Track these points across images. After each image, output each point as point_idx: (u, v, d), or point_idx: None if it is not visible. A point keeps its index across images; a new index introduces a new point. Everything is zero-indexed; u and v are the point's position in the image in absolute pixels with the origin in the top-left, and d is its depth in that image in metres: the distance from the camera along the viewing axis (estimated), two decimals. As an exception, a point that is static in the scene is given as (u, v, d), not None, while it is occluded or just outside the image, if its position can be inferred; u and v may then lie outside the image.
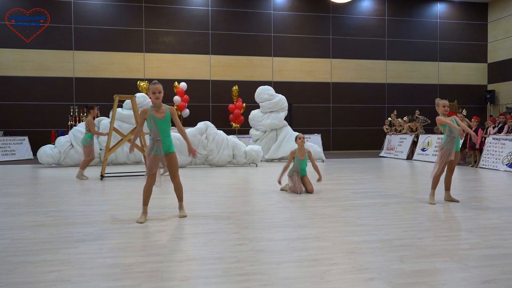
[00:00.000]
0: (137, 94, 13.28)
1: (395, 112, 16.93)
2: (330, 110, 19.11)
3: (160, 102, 4.68)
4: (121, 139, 9.22)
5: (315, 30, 18.92)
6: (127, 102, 12.92)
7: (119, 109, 12.87)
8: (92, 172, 10.32)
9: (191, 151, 4.80)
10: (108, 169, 10.79)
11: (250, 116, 14.27)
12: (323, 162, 13.13)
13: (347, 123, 19.26)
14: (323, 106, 19.00)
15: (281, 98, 13.93)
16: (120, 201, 6.04)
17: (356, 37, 19.24)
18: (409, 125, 15.37)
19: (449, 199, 5.94)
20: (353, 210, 5.25)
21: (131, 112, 12.43)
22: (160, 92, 4.63)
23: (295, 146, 13.11)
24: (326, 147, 18.30)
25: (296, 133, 13.70)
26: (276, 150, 13.47)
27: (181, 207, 5.03)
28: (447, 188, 5.99)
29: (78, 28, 16.88)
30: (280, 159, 13.59)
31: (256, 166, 11.90)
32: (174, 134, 11.57)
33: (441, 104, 5.84)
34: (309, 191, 6.76)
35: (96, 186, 7.87)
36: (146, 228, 4.37)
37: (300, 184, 6.72)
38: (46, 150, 12.01)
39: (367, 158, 14.95)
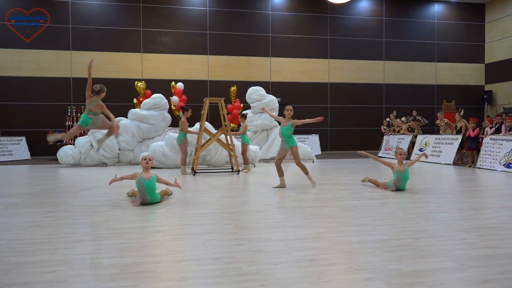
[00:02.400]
0: (154, 95, 13.39)
1: (394, 112, 16.95)
2: (328, 111, 19.12)
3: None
4: (209, 139, 9.94)
5: (313, 30, 18.94)
6: (146, 103, 13.01)
7: (136, 110, 12.97)
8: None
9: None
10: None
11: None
12: (313, 162, 13.13)
13: (345, 124, 19.28)
14: (321, 107, 19.02)
15: (271, 99, 13.97)
16: (117, 201, 6.02)
17: (354, 37, 19.27)
18: (408, 125, 15.40)
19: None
20: (351, 210, 5.26)
21: (150, 113, 12.78)
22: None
23: None
24: (324, 147, 18.33)
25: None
26: (267, 150, 13.52)
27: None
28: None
29: (75, 28, 16.85)
30: (271, 159, 13.61)
31: (254, 166, 11.91)
32: (173, 134, 11.58)
33: (398, 152, 6.88)
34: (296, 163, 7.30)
35: (93, 185, 7.87)
36: (143, 228, 4.37)
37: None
38: (66, 151, 12.10)
39: (365, 159, 14.97)
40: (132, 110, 13.17)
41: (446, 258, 3.31)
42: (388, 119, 16.94)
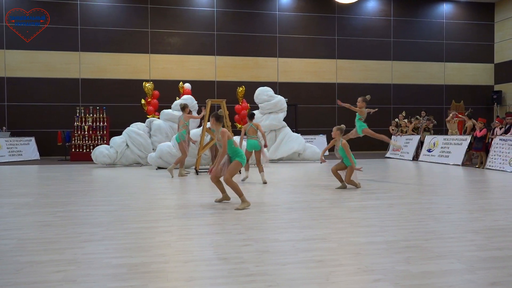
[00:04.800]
0: (185, 96, 13.49)
1: (403, 113, 16.81)
2: (336, 111, 19.07)
3: None
4: (212, 139, 9.95)
5: (320, 30, 18.90)
6: (176, 104, 13.12)
7: (169, 110, 13.08)
8: (101, 172, 10.35)
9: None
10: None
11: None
12: (321, 163, 13.08)
13: (353, 124, 18.93)
14: (328, 107, 18.97)
15: (280, 99, 13.96)
16: (125, 201, 6.06)
17: (362, 37, 19.20)
18: (414, 125, 15.29)
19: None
20: (359, 211, 5.24)
21: (181, 113, 12.80)
22: None
23: (295, 147, 13.17)
24: (331, 148, 18.24)
25: (296, 134, 13.71)
26: (275, 151, 13.51)
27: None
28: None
29: (84, 30, 16.98)
30: (279, 160, 13.59)
31: (262, 167, 11.91)
32: (167, 143, 11.60)
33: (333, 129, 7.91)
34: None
35: (104, 185, 7.91)
36: (152, 228, 4.39)
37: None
38: (102, 150, 12.16)
39: (373, 159, 14.91)
40: (165, 110, 13.31)
41: (455, 260, 3.29)
42: (396, 120, 16.84)
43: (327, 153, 16.44)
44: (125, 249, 3.62)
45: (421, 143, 14.65)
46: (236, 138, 8.93)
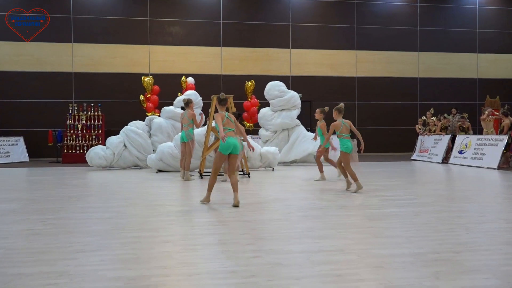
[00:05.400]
0: (188, 92, 13.58)
1: (431, 110, 16.68)
2: (355, 108, 19.00)
3: None
4: (218, 139, 9.71)
5: (338, 18, 18.85)
6: (179, 100, 13.19)
7: (171, 108, 13.15)
8: (97, 175, 10.43)
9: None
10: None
11: (259, 115, 14.31)
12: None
13: (374, 123, 19.13)
14: (347, 103, 18.82)
15: (293, 95, 13.93)
16: (122, 208, 6.09)
17: (384, 26, 19.11)
18: (441, 124, 15.15)
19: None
20: (381, 220, 5.22)
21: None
22: None
23: (310, 148, 13.08)
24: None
25: (311, 134, 13.63)
26: (288, 152, 13.46)
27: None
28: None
29: (77, 19, 17.13)
30: (292, 162, 13.56)
31: (273, 170, 11.90)
32: (168, 143, 11.64)
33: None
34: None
35: (99, 189, 7.97)
36: (151, 237, 4.41)
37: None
38: (97, 152, 12.19)
39: (397, 162, 14.82)
40: (166, 108, 13.36)
41: (491, 275, 3.25)
42: (424, 117, 16.72)
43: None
44: (122, 260, 3.64)
45: (451, 144, 14.52)
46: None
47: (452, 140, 14.49)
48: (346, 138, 7.81)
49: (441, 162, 14.31)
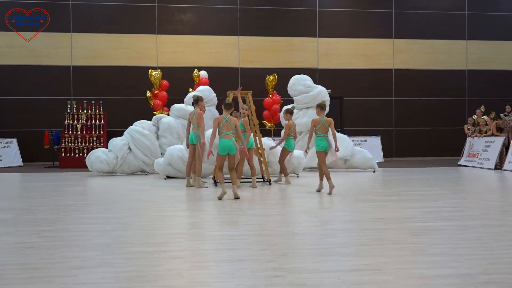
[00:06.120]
0: (200, 88, 13.68)
1: (482, 107, 16.45)
2: (393, 105, 18.83)
3: None
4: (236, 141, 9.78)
5: (373, 2, 18.74)
6: (190, 97, 13.27)
7: (181, 105, 13.29)
8: (99, 181, 10.53)
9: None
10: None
11: (281, 114, 14.28)
12: (374, 172, 12.95)
13: (415, 122, 18.93)
14: (383, 100, 18.75)
15: (320, 90, 13.90)
16: (126, 219, 6.15)
17: (427, 10, 18.92)
18: (496, 123, 14.92)
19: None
20: (423, 235, 5.17)
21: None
22: None
23: (340, 152, 13.00)
24: (387, 152, 18.07)
25: (342, 135, 13.56)
26: (314, 156, 13.35)
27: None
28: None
29: (76, 6, 17.38)
30: (317, 168, 13.45)
31: (297, 176, 11.88)
32: (178, 146, 11.70)
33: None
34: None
35: (101, 199, 8.05)
36: (159, 253, 4.44)
37: None
38: (98, 155, 12.34)
39: (442, 168, 14.65)
40: (176, 105, 13.47)
41: (552, 300, 3.19)
42: (474, 116, 16.48)
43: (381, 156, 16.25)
44: (126, 278, 3.67)
45: (505, 148, 14.28)
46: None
47: (507, 142, 14.26)
48: (322, 136, 8.65)
49: (493, 168, 14.09)
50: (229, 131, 7.99)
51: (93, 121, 15.55)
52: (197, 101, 9.74)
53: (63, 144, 15.23)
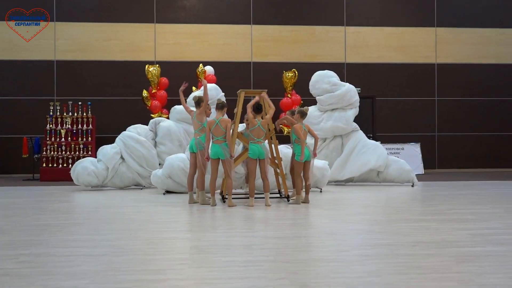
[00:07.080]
0: (210, 85, 13.73)
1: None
2: (435, 106, 18.77)
3: None
4: (246, 150, 9.83)
5: (410, -16, 18.76)
6: (192, 97, 13.34)
7: (180, 107, 13.35)
8: (93, 196, 10.58)
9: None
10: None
11: (287, 113, 14.26)
12: (413, 186, 12.87)
13: (462, 127, 18.83)
14: (423, 101, 18.69)
15: (348, 89, 13.86)
16: (119, 241, 6.18)
17: (475, -7, 18.90)
18: None
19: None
20: (472, 262, 5.14)
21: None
22: None
23: (372, 162, 13.02)
24: (428, 162, 17.97)
25: (374, 142, 13.53)
26: (342, 167, 13.35)
27: None
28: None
29: (61, -10, 17.55)
30: (347, 181, 13.43)
31: (321, 191, 11.84)
32: (180, 155, 11.74)
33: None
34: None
35: (89, 217, 8.10)
36: (157, 282, 4.45)
37: None
38: (86, 166, 12.30)
39: (494, 181, 14.54)
40: (177, 107, 13.43)
41: None
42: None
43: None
44: (118, 312, 3.69)
45: None
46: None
47: None
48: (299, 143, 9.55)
49: (557, 181, 13.99)
50: (219, 136, 9.11)
51: (79, 126, 15.60)
52: (198, 102, 9.76)
53: (44, 152, 15.29)
